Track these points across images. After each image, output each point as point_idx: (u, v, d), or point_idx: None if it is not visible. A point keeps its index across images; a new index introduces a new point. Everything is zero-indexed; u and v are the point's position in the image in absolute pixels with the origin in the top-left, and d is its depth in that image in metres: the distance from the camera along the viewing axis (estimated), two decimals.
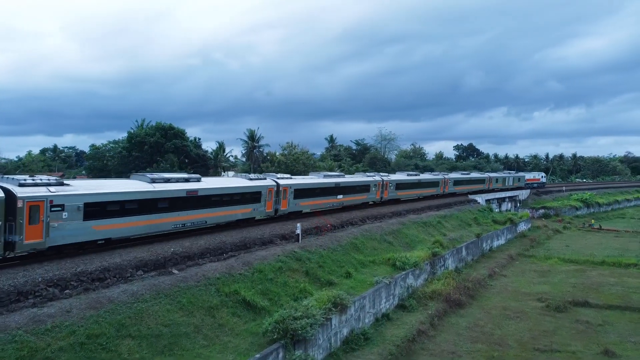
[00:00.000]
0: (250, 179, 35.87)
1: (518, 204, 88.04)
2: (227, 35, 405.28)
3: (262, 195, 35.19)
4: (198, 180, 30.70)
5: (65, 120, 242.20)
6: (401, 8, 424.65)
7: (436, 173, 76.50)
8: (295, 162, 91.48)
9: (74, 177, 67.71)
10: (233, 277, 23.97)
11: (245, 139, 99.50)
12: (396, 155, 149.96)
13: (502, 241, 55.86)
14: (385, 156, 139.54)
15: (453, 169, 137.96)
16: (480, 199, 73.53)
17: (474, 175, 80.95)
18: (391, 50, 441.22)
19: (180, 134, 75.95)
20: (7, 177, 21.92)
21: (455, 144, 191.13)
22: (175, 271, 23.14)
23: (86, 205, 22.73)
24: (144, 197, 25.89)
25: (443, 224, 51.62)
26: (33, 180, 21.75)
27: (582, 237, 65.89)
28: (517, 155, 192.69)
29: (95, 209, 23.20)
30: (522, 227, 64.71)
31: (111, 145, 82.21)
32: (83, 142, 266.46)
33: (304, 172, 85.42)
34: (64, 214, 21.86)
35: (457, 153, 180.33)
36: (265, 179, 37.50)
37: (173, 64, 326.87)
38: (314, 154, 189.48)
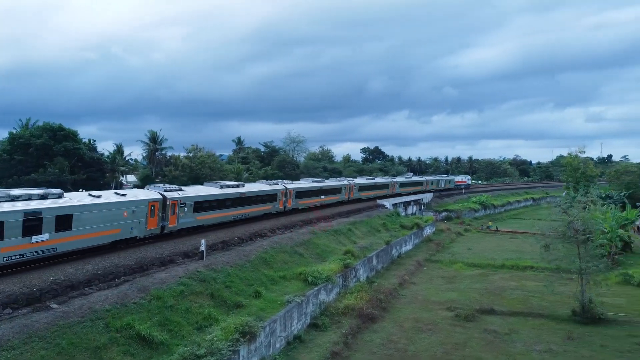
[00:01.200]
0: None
1: (422, 207, 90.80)
2: (127, 30, 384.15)
3: (138, 211, 30.01)
4: (243, 185, 44.06)
5: None
6: (309, 10, 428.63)
7: (341, 179, 74.32)
8: (201, 166, 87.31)
9: None
10: (126, 308, 21.02)
11: (147, 140, 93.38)
12: (305, 157, 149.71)
13: (409, 246, 56.63)
14: (295, 159, 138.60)
15: (360, 171, 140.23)
16: (388, 203, 74.57)
17: (379, 180, 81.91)
18: (300, 52, 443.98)
19: (71, 136, 69.16)
20: (154, 186, 34.60)
21: (361, 145, 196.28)
22: (54, 305, 19.76)
23: (195, 203, 35.07)
24: (219, 198, 38.32)
25: (353, 231, 51.12)
26: (170, 187, 34.12)
27: (481, 239, 68.95)
28: (419, 157, 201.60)
29: (198, 205, 35.54)
30: (428, 231, 66.34)
31: None
32: None
33: (210, 177, 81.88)
34: (185, 209, 34.03)
35: (364, 155, 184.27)
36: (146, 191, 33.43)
37: (67, 57, 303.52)
38: (221, 155, 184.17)
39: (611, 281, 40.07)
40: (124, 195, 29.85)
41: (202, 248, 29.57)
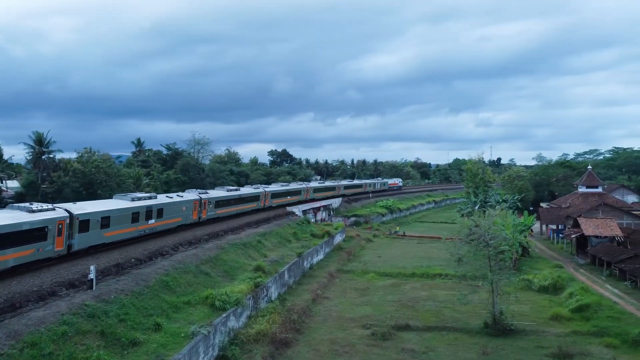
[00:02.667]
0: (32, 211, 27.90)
1: (332, 212, 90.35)
2: (10, 18, 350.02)
3: (188, 207, 45.39)
4: (237, 189, 58.57)
5: None
6: (212, 8, 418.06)
7: (256, 186, 73.66)
8: (96, 171, 79.86)
9: None
10: None
11: (32, 143, 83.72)
12: (210, 160, 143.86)
13: (321, 256, 55.29)
14: (200, 161, 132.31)
15: (268, 175, 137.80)
16: (298, 210, 72.96)
17: (293, 186, 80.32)
18: (202, 50, 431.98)
19: None
20: (192, 190, 51.50)
21: (268, 146, 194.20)
22: None
23: (216, 202, 50.53)
24: (228, 198, 53.79)
25: (263, 243, 48.69)
26: (202, 190, 51.86)
27: (390, 245, 69.49)
28: (326, 160, 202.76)
29: (219, 203, 51.12)
30: (338, 238, 65.57)
31: None
32: None
33: (106, 183, 75.20)
34: (210, 205, 49.03)
35: (272, 158, 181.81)
36: (52, 209, 29.48)
37: None
38: (119, 156, 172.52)
39: (514, 288, 41.28)
40: (181, 197, 45.73)
41: (91, 275, 25.67)
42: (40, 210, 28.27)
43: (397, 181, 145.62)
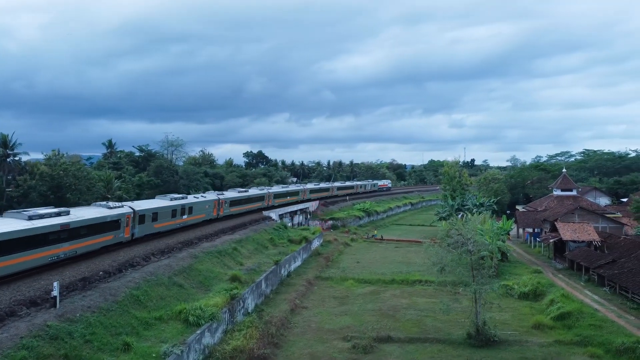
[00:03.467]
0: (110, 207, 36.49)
1: (309, 216, 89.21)
2: None
3: (210, 206, 54.48)
4: (246, 190, 69.29)
5: None
6: (184, 6, 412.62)
7: (262, 187, 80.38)
8: (64, 174, 76.92)
9: None
10: None
11: None
12: (184, 162, 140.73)
13: (299, 263, 54.06)
14: (173, 164, 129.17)
15: (243, 176, 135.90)
16: (274, 214, 71.59)
17: (292, 187, 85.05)
18: (175, 49, 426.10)
19: None
20: (212, 192, 64.30)
21: (242, 146, 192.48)
22: None
23: (231, 201, 58.56)
24: (239, 198, 62.18)
25: (239, 250, 47.22)
26: (220, 192, 61.97)
27: (368, 249, 68.69)
28: (302, 161, 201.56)
29: (233, 202, 59.26)
30: (316, 243, 64.46)
31: None
32: None
33: (75, 186, 72.57)
34: (225, 204, 57.04)
35: (247, 160, 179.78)
36: (121, 206, 38.44)
37: None
38: (89, 157, 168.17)
39: (496, 295, 40.80)
40: (205, 197, 53.98)
41: (55, 292, 23.93)
42: (115, 207, 37.12)
43: (387, 182, 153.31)
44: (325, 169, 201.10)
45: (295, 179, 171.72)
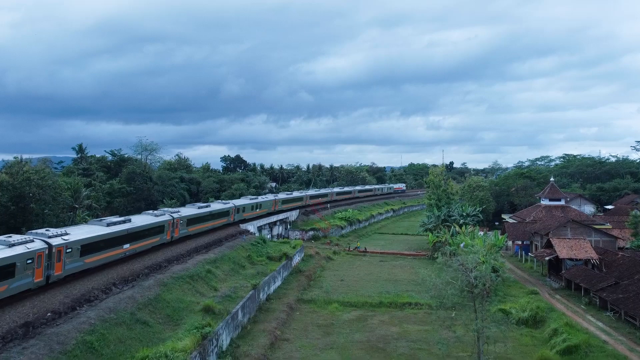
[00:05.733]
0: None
1: (289, 226, 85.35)
2: None
3: (230, 212, 62.18)
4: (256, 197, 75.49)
5: None
6: (160, 6, 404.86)
7: (271, 195, 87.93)
8: (27, 184, 71.52)
9: None
10: None
11: None
12: (159, 167, 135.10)
13: (279, 282, 50.20)
14: (147, 169, 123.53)
15: (221, 182, 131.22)
16: (252, 226, 67.65)
17: (296, 194, 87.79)
18: (151, 50, 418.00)
19: None
20: (228, 201, 68.50)
21: (220, 148, 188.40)
22: None
23: (244, 207, 66.57)
24: (252, 204, 69.55)
25: (214, 273, 43.16)
26: (234, 201, 70.09)
27: (352, 264, 65.14)
28: (281, 165, 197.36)
29: (245, 208, 66.84)
30: (297, 258, 60.64)
31: None
32: None
33: (39, 195, 67.40)
34: (240, 210, 65.10)
35: (225, 164, 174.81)
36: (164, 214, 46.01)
37: None
38: (60, 162, 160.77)
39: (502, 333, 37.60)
40: (226, 204, 61.66)
41: None
42: (162, 215, 45.57)
43: (402, 185, 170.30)
44: (304, 172, 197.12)
45: (274, 184, 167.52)
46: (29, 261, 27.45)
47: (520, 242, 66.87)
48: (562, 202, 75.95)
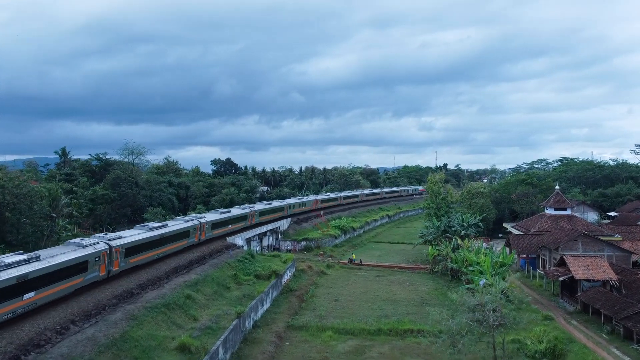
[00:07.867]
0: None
1: (280, 236, 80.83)
2: None
3: (248, 216, 67.55)
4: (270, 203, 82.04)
5: None
6: (152, 6, 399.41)
7: (284, 200, 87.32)
8: (1, 192, 66.55)
9: None
10: None
11: None
12: (146, 171, 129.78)
13: (267, 305, 45.74)
14: (133, 173, 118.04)
15: (211, 186, 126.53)
16: (240, 239, 63.15)
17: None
18: (142, 50, 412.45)
19: None
20: (246, 205, 75.96)
21: (212, 149, 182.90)
22: None
23: (260, 212, 71.60)
24: (267, 210, 74.92)
25: (194, 298, 38.63)
26: (250, 205, 79.20)
27: (347, 279, 60.76)
28: (273, 168, 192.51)
29: (262, 213, 72.40)
30: (288, 275, 56.17)
31: None
32: None
33: (14, 204, 62.61)
34: (256, 215, 69.43)
35: (215, 168, 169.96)
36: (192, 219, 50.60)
37: None
38: (46, 164, 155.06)
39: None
40: (244, 209, 66.61)
41: None
42: (191, 220, 51.69)
43: (421, 188, 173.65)
44: (297, 175, 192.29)
45: (266, 188, 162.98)
46: (96, 259, 34.01)
47: (525, 255, 62.76)
48: (569, 212, 72.05)
